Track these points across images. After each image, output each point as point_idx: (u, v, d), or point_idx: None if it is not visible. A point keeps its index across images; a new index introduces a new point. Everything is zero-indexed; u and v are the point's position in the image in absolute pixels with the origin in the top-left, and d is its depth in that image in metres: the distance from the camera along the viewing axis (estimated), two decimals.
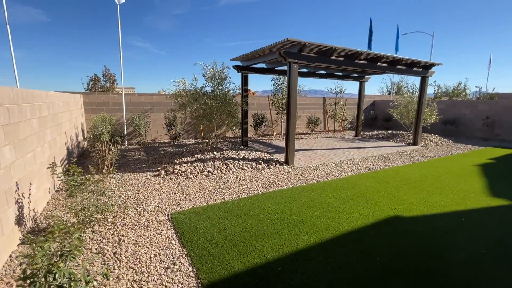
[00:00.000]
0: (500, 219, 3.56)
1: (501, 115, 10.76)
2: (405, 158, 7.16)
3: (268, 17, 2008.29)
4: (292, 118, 6.16)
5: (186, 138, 10.22)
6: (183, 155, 6.45)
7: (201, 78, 6.73)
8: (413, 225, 3.38)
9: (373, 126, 15.30)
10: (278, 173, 5.67)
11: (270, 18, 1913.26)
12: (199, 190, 4.55)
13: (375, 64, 7.50)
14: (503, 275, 2.43)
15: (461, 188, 4.75)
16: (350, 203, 4.03)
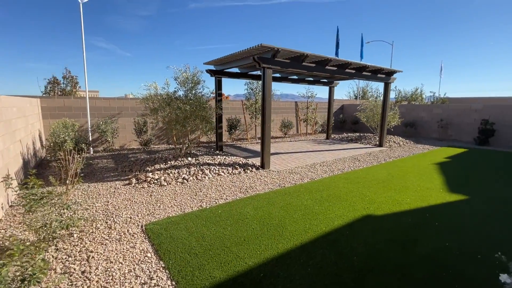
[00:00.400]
0: (457, 212, 3.91)
1: (453, 117, 11.91)
2: (373, 159, 7.59)
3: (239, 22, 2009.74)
4: (267, 122, 6.23)
5: (157, 144, 9.82)
6: (155, 162, 6.18)
7: (173, 82, 6.52)
8: (384, 222, 3.58)
9: (342, 129, 16.03)
10: (254, 177, 5.67)
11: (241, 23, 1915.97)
12: (175, 198, 4.38)
13: (344, 70, 7.90)
14: (465, 266, 2.67)
15: (423, 186, 5.15)
16: (326, 205, 4.16)
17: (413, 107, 13.47)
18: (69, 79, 12.55)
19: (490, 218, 3.73)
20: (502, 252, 2.73)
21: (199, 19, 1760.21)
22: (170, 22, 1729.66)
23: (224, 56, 7.03)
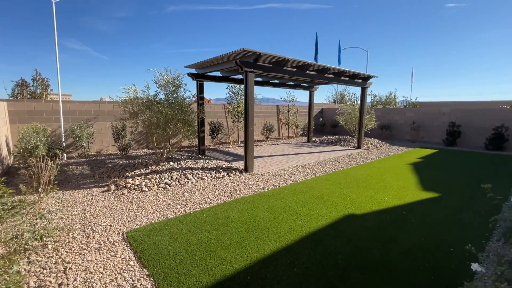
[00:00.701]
0: (430, 209, 4.15)
1: (424, 120, 12.66)
2: (352, 161, 7.87)
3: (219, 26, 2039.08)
4: (250, 126, 6.26)
5: (137, 149, 9.51)
6: (135, 167, 5.98)
7: (153, 85, 6.38)
8: (365, 221, 3.71)
9: (322, 132, 16.45)
10: (238, 180, 5.66)
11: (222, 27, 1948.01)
12: (157, 204, 4.26)
13: (323, 75, 8.16)
14: (440, 258, 2.84)
15: (400, 185, 5.41)
16: (310, 206, 4.25)
17: (388, 111, 14.15)
18: (39, 82, 11.86)
19: (460, 213, 3.99)
20: (472, 244, 2.94)
21: (178, 22, 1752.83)
22: (148, 25, 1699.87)
23: (206, 60, 7.00)
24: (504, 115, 10.47)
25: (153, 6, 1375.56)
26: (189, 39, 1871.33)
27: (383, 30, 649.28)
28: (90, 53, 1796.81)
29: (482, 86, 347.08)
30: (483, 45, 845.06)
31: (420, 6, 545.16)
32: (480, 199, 4.59)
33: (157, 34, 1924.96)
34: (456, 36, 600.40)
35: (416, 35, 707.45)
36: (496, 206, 4.16)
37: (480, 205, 4.30)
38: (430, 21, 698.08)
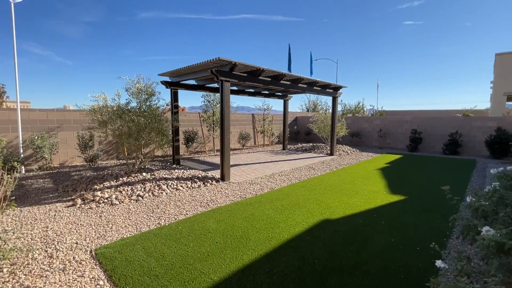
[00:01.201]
0: (399, 211, 4.42)
1: (389, 128, 13.54)
2: (326, 167, 8.14)
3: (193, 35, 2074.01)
4: (226, 134, 6.25)
5: (106, 159, 9.00)
6: (104, 179, 5.65)
7: (125, 93, 6.14)
8: (339, 225, 3.85)
9: (296, 139, 16.87)
10: (215, 190, 5.59)
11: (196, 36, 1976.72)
12: (129, 218, 4.05)
13: (297, 85, 8.44)
14: (408, 257, 3.02)
15: (370, 189, 5.70)
16: (287, 213, 4.31)
17: (357, 119, 14.93)
18: None
19: (424, 214, 4.29)
20: (436, 242, 3.17)
21: (149, 29, 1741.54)
22: (118, 31, 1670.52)
23: (180, 68, 6.92)
24: (458, 123, 11.56)
25: (123, 12, 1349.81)
26: (161, 46, 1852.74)
27: (351, 44, 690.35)
28: (53, 58, 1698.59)
29: (439, 96, 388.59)
30: (438, 59, 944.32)
31: (382, 22, 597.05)
32: (441, 200, 4.98)
33: (127, 41, 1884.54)
34: (415, 51, 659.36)
35: (380, 49, 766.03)
36: (454, 206, 4.53)
37: (441, 206, 4.67)
38: (392, 36, 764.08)
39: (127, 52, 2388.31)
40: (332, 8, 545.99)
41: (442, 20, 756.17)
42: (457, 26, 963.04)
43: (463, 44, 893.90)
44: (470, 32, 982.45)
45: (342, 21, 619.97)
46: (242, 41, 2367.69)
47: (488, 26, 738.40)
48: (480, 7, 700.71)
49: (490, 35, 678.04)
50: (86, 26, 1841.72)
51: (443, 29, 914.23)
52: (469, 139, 11.23)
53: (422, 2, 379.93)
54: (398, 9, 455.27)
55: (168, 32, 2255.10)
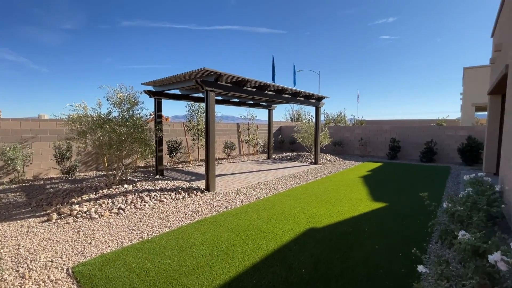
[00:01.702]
0: (381, 218, 4.54)
1: (370, 136, 14.03)
2: (310, 176, 8.26)
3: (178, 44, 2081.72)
4: (211, 145, 6.21)
5: (84, 171, 8.62)
6: (83, 192, 5.40)
7: (106, 102, 5.98)
8: (325, 233, 3.89)
9: (281, 148, 17.03)
10: (200, 201, 5.49)
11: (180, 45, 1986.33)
12: (109, 232, 3.87)
13: (281, 95, 8.61)
14: (392, 263, 3.09)
15: (354, 197, 5.83)
16: (273, 222, 4.30)
17: (339, 128, 15.37)
18: None
19: (405, 220, 4.44)
20: (416, 247, 3.28)
21: (132, 38, 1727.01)
22: (100, 39, 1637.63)
23: (165, 78, 6.86)
24: (432, 131, 12.21)
25: (105, 20, 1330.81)
26: (143, 55, 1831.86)
27: (332, 55, 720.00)
28: (28, 65, 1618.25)
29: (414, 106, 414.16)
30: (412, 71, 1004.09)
31: (361, 36, 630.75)
32: (420, 206, 5.18)
33: (109, 49, 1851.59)
34: (391, 63, 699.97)
35: (360, 61, 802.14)
36: (432, 212, 4.74)
37: (420, 212, 4.85)
38: (370, 49, 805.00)
39: (108, 60, 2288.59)
40: (314, 22, 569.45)
41: (415, 36, 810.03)
42: (429, 41, 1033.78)
43: (434, 58, 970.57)
44: (440, 47, 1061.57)
45: (323, 34, 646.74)
46: (226, 52, 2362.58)
47: (456, 41, 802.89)
48: (449, 24, 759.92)
49: (458, 50, 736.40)
50: (65, 34, 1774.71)
51: (415, 43, 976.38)
52: (443, 147, 11.85)
53: (396, 18, 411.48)
54: (375, 24, 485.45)
55: (152, 41, 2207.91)
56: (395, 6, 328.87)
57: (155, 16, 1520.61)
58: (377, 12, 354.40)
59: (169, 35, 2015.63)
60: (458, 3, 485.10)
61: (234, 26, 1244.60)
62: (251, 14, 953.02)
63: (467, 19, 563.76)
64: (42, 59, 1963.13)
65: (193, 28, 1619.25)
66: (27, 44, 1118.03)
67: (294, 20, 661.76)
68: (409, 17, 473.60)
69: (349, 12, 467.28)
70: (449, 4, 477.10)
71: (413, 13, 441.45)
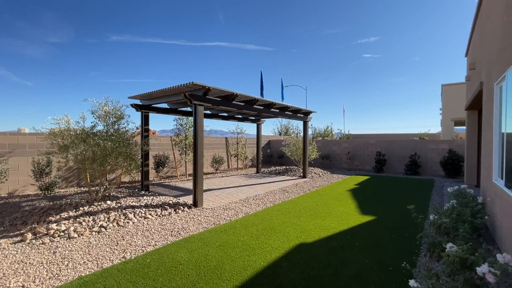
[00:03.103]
0: (370, 231, 4.53)
1: (357, 150, 14.30)
2: (299, 190, 8.24)
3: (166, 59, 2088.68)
4: (199, 159, 6.12)
5: (65, 187, 8.23)
6: (62, 210, 5.12)
7: (90, 116, 5.83)
8: (316, 249, 3.82)
9: (270, 162, 17.03)
10: (187, 217, 5.31)
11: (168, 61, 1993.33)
12: (89, 252, 3.65)
13: (269, 110, 8.70)
14: (382, 278, 3.05)
15: (343, 211, 5.83)
16: (262, 238, 4.20)
17: (327, 142, 15.61)
18: None
19: (393, 233, 4.45)
20: (406, 260, 3.27)
21: (120, 52, 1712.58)
22: (87, 53, 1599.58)
23: (152, 91, 6.80)
24: (416, 145, 12.61)
25: (93, 34, 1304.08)
26: (132, 70, 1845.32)
27: (318, 72, 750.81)
28: (9, 77, 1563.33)
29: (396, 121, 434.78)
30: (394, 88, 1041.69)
31: (345, 53, 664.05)
32: (407, 218, 5.23)
33: (96, 63, 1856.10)
34: (374, 80, 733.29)
35: (344, 77, 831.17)
36: (419, 224, 4.78)
37: (408, 224, 4.89)
38: (353, 67, 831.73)
39: (95, 73, 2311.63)
40: (301, 40, 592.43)
41: (395, 55, 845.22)
42: (408, 60, 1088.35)
43: (413, 76, 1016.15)
44: (418, 65, 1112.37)
45: (309, 51, 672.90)
46: (215, 67, 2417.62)
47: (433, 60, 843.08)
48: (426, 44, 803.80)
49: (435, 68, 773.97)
50: (51, 47, 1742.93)
51: (396, 62, 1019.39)
52: (426, 160, 12.22)
53: (377, 38, 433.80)
54: (358, 43, 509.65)
55: (140, 56, 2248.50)
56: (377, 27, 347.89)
57: (145, 31, 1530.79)
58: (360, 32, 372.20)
59: (158, 50, 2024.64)
60: (435, 24, 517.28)
61: (222, 42, 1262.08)
62: (240, 31, 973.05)
63: (444, 40, 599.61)
64: (26, 72, 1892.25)
65: (183, 44, 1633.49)
66: (10, 57, 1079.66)
67: (281, 37, 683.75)
68: (390, 37, 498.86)
69: (333, 31, 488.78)
70: (427, 26, 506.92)
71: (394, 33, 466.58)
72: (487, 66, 5.00)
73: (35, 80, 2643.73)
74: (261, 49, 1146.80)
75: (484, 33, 5.49)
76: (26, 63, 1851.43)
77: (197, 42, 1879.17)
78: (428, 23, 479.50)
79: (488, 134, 4.79)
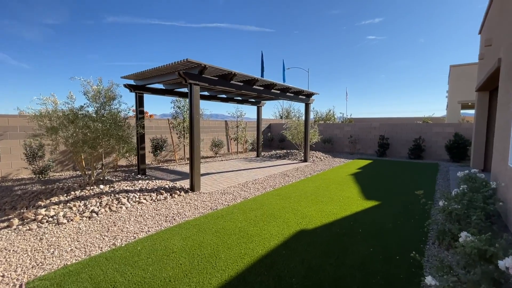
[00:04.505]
0: (374, 218, 4.32)
1: (359, 134, 13.97)
2: (300, 174, 8.01)
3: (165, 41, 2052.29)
4: (195, 142, 5.84)
5: (60, 171, 8.04)
6: (53, 194, 4.92)
7: (81, 96, 5.50)
8: (317, 236, 3.62)
9: (270, 146, 16.77)
10: (183, 202, 5.12)
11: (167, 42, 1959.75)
12: (77, 239, 3.46)
13: (270, 91, 8.30)
14: (389, 268, 2.85)
15: (345, 196, 5.61)
16: (261, 224, 4.00)
17: (329, 126, 15.25)
18: None
19: (399, 219, 4.24)
20: (412, 248, 3.06)
21: (118, 34, 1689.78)
22: (83, 34, 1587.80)
23: (146, 70, 6.41)
24: (420, 129, 12.25)
25: (90, 15, 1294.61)
26: (130, 52, 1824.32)
27: (320, 54, 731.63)
28: (7, 60, 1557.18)
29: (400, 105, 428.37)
30: (399, 71, 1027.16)
31: (347, 36, 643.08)
32: (412, 204, 5.01)
33: (94, 45, 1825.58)
34: (378, 63, 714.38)
35: (348, 60, 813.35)
36: (426, 210, 4.56)
37: (413, 210, 4.67)
38: (356, 49, 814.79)
39: (92, 56, 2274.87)
40: (302, 21, 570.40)
41: (400, 36, 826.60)
42: (412, 42, 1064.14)
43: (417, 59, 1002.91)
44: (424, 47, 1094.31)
45: (311, 34, 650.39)
46: (214, 49, 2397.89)
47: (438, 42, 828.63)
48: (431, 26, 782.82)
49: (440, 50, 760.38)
50: (48, 29, 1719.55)
51: (400, 44, 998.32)
52: (430, 144, 11.91)
53: (382, 19, 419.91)
54: (362, 24, 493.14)
55: (138, 38, 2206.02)
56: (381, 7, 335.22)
57: (143, 12, 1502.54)
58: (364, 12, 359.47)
59: (157, 32, 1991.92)
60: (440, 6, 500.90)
61: (222, 23, 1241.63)
62: (240, 12, 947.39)
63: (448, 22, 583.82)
64: (22, 55, 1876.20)
65: (181, 25, 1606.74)
66: (4, 39, 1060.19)
67: (282, 19, 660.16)
68: (394, 18, 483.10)
69: (336, 12, 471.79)
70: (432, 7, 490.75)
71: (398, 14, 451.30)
72: (508, 40, 4.56)
73: (32, 63, 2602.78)
74: (261, 30, 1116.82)
75: (506, 5, 4.99)
76: (22, 46, 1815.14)
77: (196, 23, 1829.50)
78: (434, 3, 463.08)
79: (504, 116, 4.45)
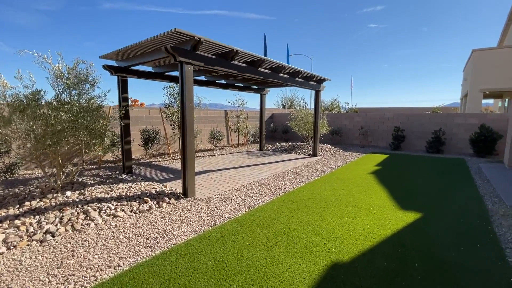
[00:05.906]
0: (424, 239, 3.24)
1: (370, 125, 12.81)
2: (312, 172, 6.91)
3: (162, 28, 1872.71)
4: (188, 136, 4.69)
5: (34, 168, 6.91)
6: (2, 205, 3.80)
7: (46, 82, 4.29)
8: (358, 275, 2.54)
9: (273, 138, 15.63)
10: (172, 213, 4.02)
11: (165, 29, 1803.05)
12: (12, 280, 2.37)
13: (277, 74, 7.08)
14: None
15: (374, 204, 4.52)
16: (276, 253, 2.91)
17: (337, 116, 14.05)
18: None
19: (461, 242, 3.16)
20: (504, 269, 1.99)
21: (114, 20, 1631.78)
22: (79, 21, 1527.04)
23: (128, 46, 5.14)
24: (440, 120, 11.08)
25: (85, 1, 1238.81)
26: (126, 39, 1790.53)
27: (322, 42, 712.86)
28: (1, 48, 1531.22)
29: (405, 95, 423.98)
30: (397, 61, 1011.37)
31: (349, 24, 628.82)
32: (465, 216, 3.93)
33: (89, 32, 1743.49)
34: (379, 52, 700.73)
35: (350, 48, 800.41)
36: (489, 229, 3.49)
37: (473, 227, 3.59)
38: (358, 37, 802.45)
39: (88, 43, 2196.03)
40: (303, 8, 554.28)
41: (402, 25, 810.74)
42: (415, 31, 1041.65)
43: (420, 48, 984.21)
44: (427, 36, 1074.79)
45: (312, 21, 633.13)
46: (213, 36, 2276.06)
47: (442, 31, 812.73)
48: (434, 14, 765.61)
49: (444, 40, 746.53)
50: (42, 15, 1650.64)
51: (402, 33, 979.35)
52: (451, 137, 10.78)
53: (384, 7, 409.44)
54: (364, 12, 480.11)
55: (136, 25, 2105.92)
56: None
57: None
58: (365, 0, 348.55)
59: (154, 18, 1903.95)
60: None
61: (221, 11, 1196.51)
62: None
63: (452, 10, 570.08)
64: (17, 43, 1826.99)
65: (179, 12, 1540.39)
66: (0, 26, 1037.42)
67: (282, 6, 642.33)
68: (396, 6, 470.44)
69: None
70: None
71: (401, 2, 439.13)
72: None
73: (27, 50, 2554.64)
74: (262, 18, 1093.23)
75: None
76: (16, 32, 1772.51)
77: (195, 10, 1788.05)
78: None
79: None
